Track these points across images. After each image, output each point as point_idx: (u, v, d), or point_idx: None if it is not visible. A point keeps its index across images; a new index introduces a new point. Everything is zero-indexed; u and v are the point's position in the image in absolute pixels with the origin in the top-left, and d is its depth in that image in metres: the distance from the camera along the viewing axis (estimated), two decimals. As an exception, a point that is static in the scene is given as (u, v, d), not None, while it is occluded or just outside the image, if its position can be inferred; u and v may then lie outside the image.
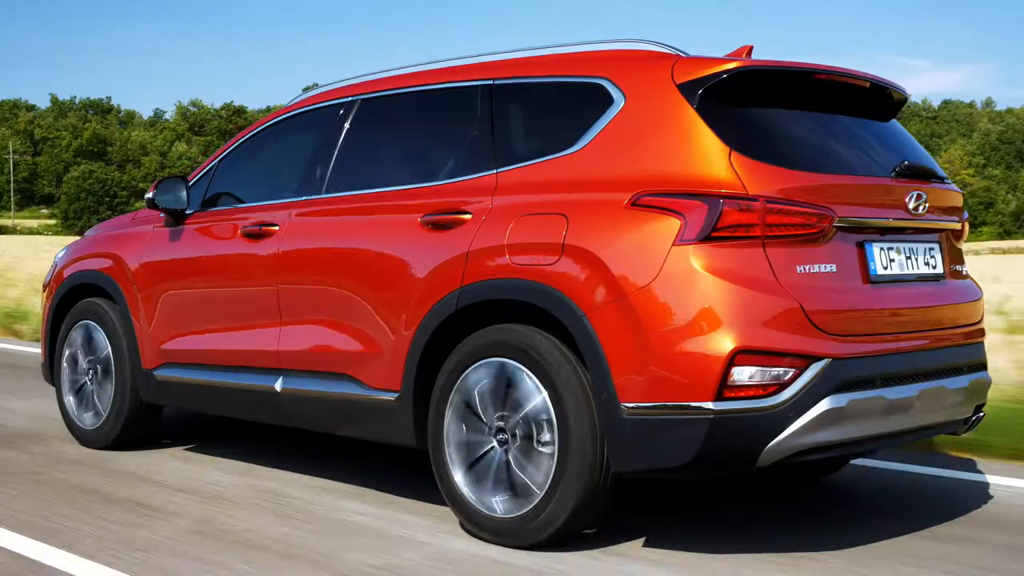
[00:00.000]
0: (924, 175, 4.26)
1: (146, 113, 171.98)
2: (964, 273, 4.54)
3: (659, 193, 3.77)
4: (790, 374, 3.64)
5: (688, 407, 3.62)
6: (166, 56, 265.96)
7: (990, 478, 5.27)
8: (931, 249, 4.29)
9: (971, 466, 5.54)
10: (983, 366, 4.43)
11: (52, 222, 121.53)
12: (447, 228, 4.27)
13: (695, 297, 3.64)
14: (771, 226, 3.70)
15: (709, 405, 3.59)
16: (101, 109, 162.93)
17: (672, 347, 3.65)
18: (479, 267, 4.10)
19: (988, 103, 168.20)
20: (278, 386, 4.89)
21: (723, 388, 3.59)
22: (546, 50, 4.47)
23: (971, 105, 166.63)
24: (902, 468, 5.44)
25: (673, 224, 3.70)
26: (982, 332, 4.49)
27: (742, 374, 3.61)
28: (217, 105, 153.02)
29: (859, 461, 5.47)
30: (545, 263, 3.92)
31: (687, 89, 3.89)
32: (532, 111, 4.37)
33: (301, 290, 4.81)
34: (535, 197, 4.07)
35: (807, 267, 3.77)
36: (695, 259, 3.65)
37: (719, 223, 3.66)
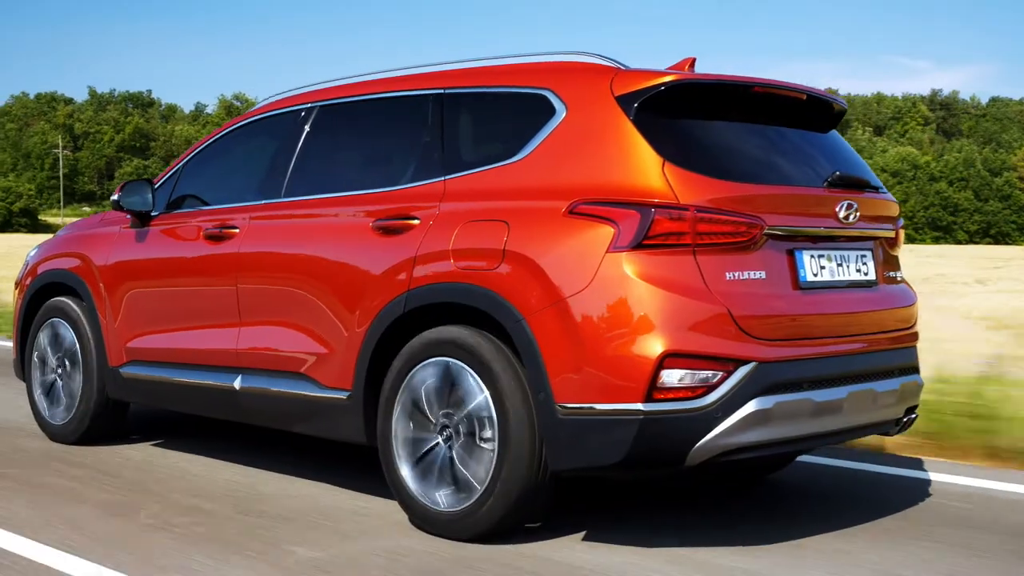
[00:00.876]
0: (857, 185, 4.41)
1: (187, 107, 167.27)
2: (899, 279, 4.70)
3: (594, 201, 3.92)
4: (718, 377, 3.79)
5: (619, 408, 3.77)
6: (205, 49, 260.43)
7: (933, 476, 5.42)
8: (863, 256, 4.44)
9: (917, 464, 5.70)
10: (915, 369, 4.58)
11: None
12: (396, 233, 4.42)
13: (627, 302, 3.79)
14: (701, 234, 3.85)
15: (639, 406, 3.74)
16: (142, 103, 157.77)
17: (605, 350, 3.80)
18: (426, 271, 4.25)
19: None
20: (237, 384, 5.04)
21: (652, 390, 3.75)
22: (496, 60, 4.62)
23: (1022, 102, 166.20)
24: (846, 465, 5.60)
25: (607, 232, 3.85)
26: (915, 336, 4.64)
27: (671, 377, 3.76)
28: (261, 98, 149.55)
29: (805, 458, 5.64)
30: (487, 268, 4.07)
31: (624, 101, 4.04)
32: (479, 120, 4.52)
33: (259, 291, 4.95)
34: (479, 204, 4.22)
35: (736, 274, 3.92)
36: (627, 266, 3.81)
37: (650, 231, 3.81)
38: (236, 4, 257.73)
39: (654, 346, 3.75)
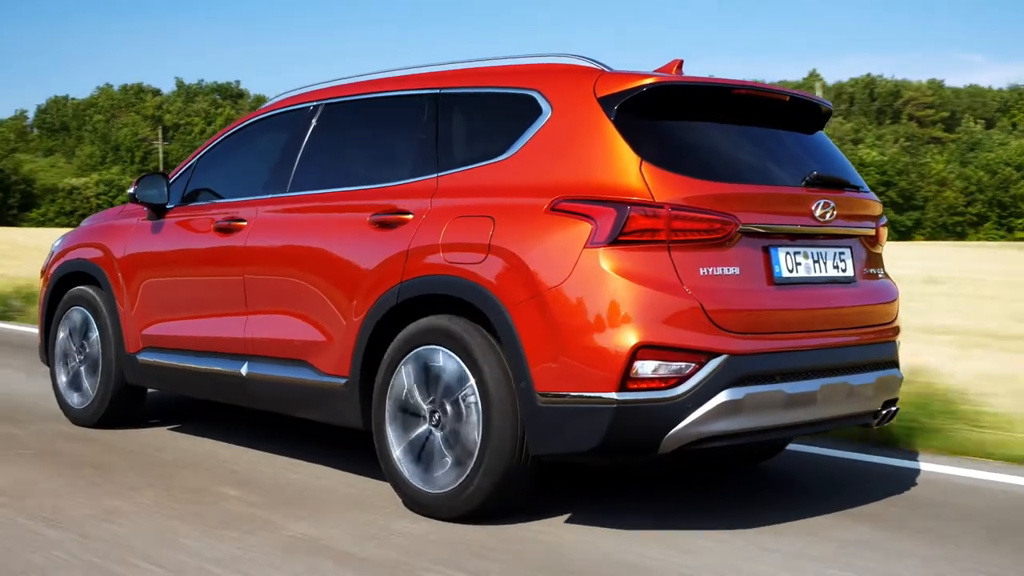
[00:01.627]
0: (835, 184, 4.54)
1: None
2: (880, 275, 4.83)
3: (574, 199, 4.10)
4: (690, 368, 3.96)
5: (594, 396, 3.95)
6: (292, 39, 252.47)
7: (923, 465, 5.54)
8: (841, 254, 4.57)
9: (909, 456, 5.81)
10: (893, 363, 4.71)
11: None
12: (391, 227, 4.62)
13: (603, 296, 3.97)
14: (676, 231, 4.02)
15: (613, 395, 3.92)
16: (230, 94, 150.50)
17: (581, 341, 3.98)
18: (417, 264, 4.45)
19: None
20: (244, 371, 5.27)
21: (626, 380, 3.92)
22: (490, 62, 4.81)
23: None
24: (829, 454, 5.73)
25: (585, 228, 4.03)
26: (895, 331, 4.77)
27: (645, 367, 3.93)
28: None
29: (794, 447, 5.78)
30: (473, 261, 4.26)
31: (606, 102, 4.21)
32: (471, 119, 4.71)
33: (265, 281, 5.18)
34: (468, 200, 4.42)
35: (710, 269, 4.08)
36: (604, 261, 3.98)
37: (626, 228, 3.98)
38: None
39: (628, 338, 3.92)
